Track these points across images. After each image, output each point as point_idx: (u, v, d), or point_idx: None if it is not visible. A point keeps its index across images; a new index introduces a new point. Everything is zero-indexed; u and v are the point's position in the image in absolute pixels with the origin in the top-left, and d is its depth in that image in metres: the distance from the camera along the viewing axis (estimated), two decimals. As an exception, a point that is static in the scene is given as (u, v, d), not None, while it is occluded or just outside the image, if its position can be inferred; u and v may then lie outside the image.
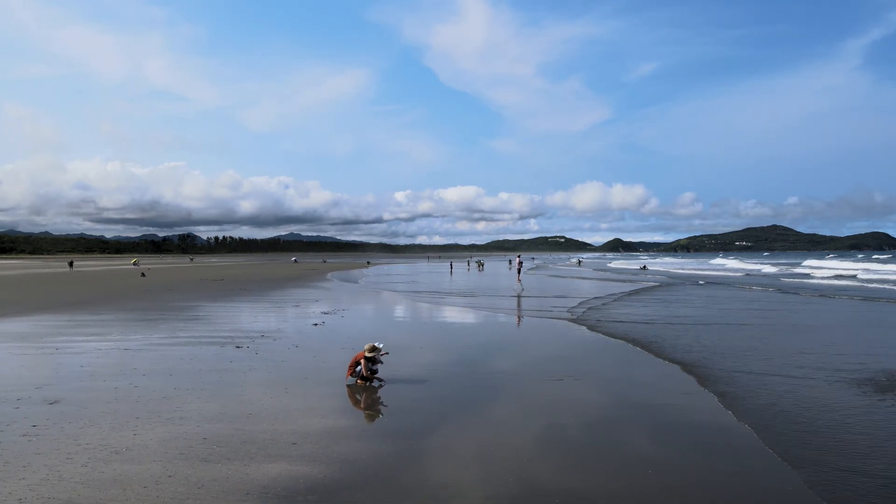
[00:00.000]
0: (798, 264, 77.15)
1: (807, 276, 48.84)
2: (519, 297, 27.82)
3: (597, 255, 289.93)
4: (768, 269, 66.57)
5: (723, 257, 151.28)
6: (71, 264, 69.33)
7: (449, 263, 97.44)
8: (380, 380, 9.67)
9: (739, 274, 55.45)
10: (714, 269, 67.63)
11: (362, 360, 9.47)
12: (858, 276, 44.63)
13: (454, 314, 20.95)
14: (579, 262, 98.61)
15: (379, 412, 8.13)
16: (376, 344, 9.61)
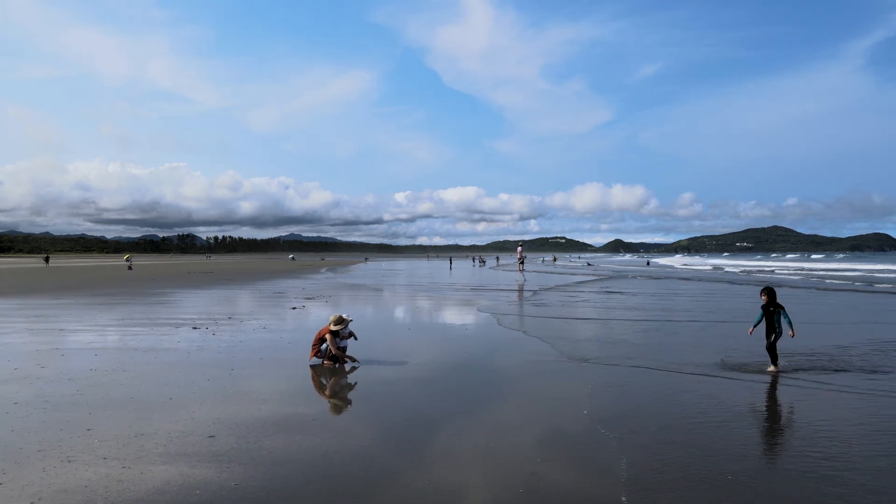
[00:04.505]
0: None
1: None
2: (475, 289, 25.95)
3: (594, 255, 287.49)
4: (730, 264, 68.00)
5: (684, 256, 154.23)
6: (46, 260, 65.42)
7: (448, 259, 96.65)
8: (352, 359, 7.78)
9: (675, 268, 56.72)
10: (655, 266, 68.15)
11: (328, 336, 7.57)
12: (775, 271, 46.60)
13: (430, 303, 19.03)
14: (554, 258, 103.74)
15: (343, 398, 6.24)
16: (343, 315, 7.70)
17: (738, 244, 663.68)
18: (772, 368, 7.22)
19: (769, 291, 7.45)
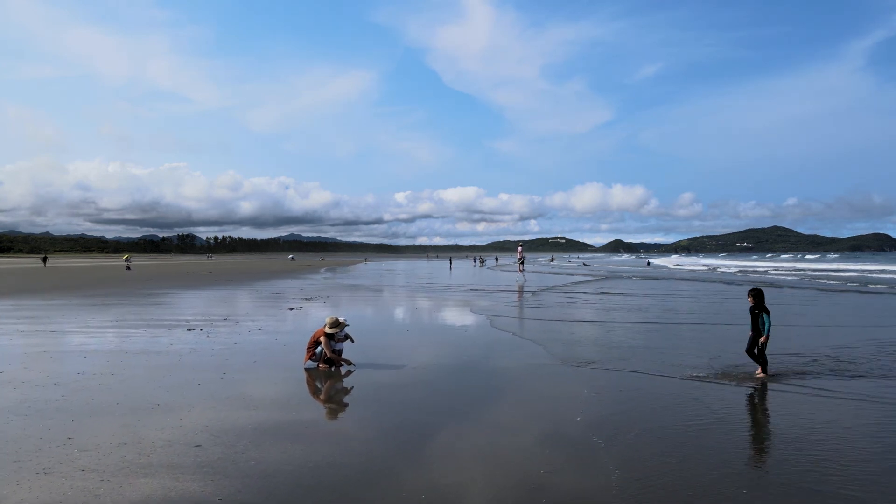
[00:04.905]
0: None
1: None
2: (471, 290, 25.74)
3: (593, 255, 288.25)
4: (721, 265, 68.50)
5: (680, 256, 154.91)
6: (44, 260, 64.76)
7: (448, 259, 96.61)
8: (347, 362, 7.57)
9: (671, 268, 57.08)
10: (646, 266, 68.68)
11: (322, 339, 7.36)
12: (768, 271, 46.51)
13: (428, 304, 18.82)
14: (552, 258, 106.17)
15: (337, 403, 6.03)
16: (339, 318, 7.49)
17: (738, 244, 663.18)
18: (759, 374, 6.96)
19: (755, 294, 7.09)
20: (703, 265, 67.74)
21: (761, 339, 6.91)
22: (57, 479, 3.79)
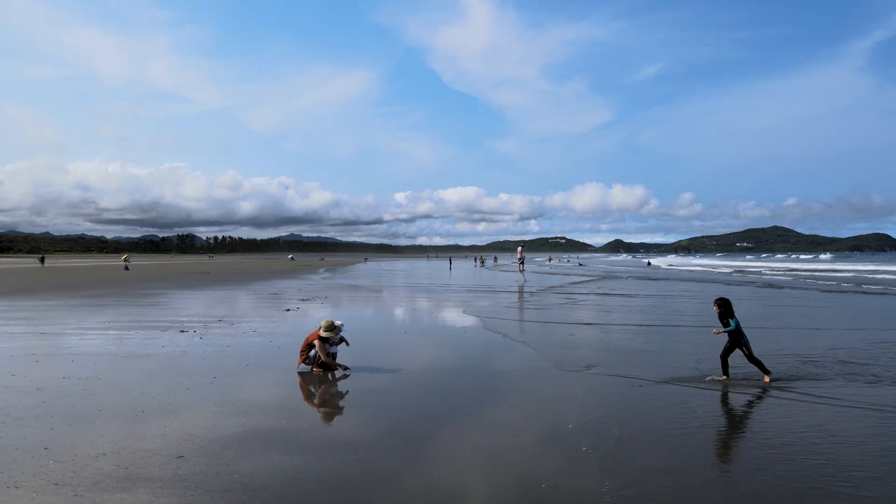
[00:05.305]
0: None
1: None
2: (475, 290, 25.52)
3: (593, 255, 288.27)
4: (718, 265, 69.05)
5: (677, 256, 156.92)
6: (42, 260, 64.12)
7: (448, 259, 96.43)
8: (342, 367, 7.34)
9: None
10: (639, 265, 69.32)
11: (316, 342, 7.13)
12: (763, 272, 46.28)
13: (427, 305, 18.59)
14: (549, 259, 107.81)
15: (329, 411, 5.81)
16: (335, 321, 7.25)
17: (738, 244, 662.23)
18: (766, 380, 6.75)
19: (722, 303, 6.83)
20: (699, 265, 67.61)
21: (714, 330, 6.90)
22: (27, 493, 3.57)
